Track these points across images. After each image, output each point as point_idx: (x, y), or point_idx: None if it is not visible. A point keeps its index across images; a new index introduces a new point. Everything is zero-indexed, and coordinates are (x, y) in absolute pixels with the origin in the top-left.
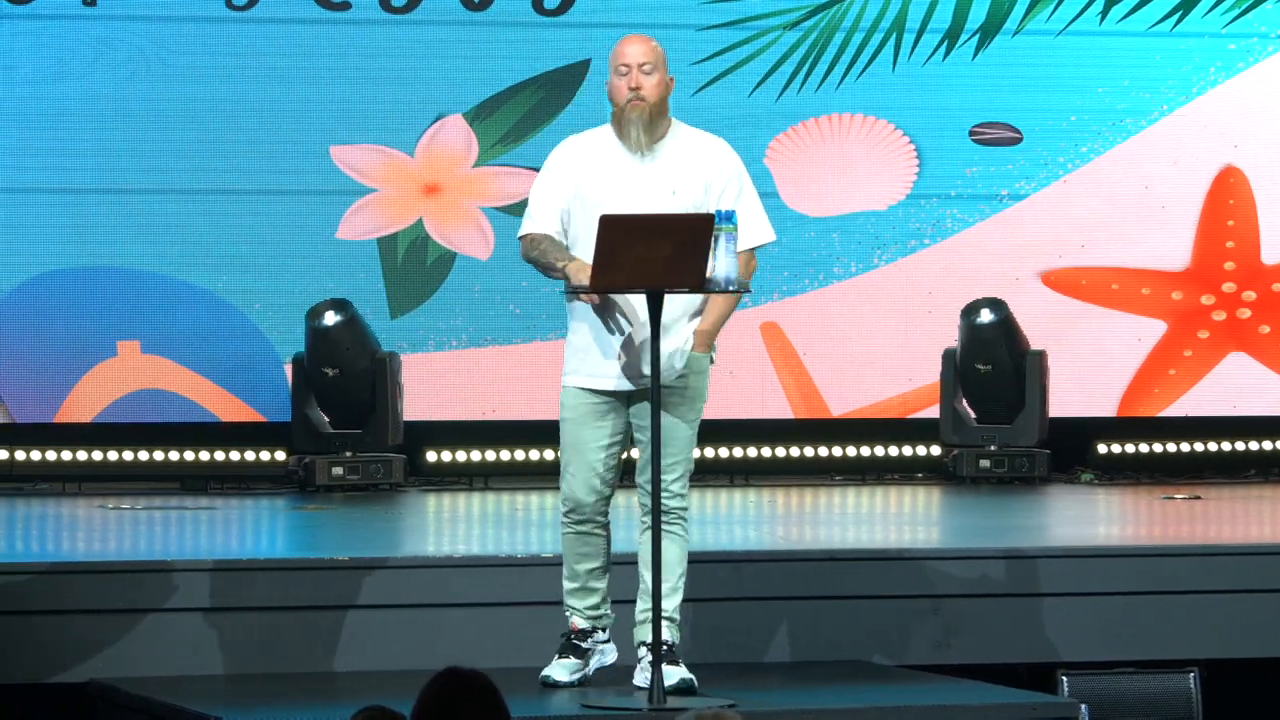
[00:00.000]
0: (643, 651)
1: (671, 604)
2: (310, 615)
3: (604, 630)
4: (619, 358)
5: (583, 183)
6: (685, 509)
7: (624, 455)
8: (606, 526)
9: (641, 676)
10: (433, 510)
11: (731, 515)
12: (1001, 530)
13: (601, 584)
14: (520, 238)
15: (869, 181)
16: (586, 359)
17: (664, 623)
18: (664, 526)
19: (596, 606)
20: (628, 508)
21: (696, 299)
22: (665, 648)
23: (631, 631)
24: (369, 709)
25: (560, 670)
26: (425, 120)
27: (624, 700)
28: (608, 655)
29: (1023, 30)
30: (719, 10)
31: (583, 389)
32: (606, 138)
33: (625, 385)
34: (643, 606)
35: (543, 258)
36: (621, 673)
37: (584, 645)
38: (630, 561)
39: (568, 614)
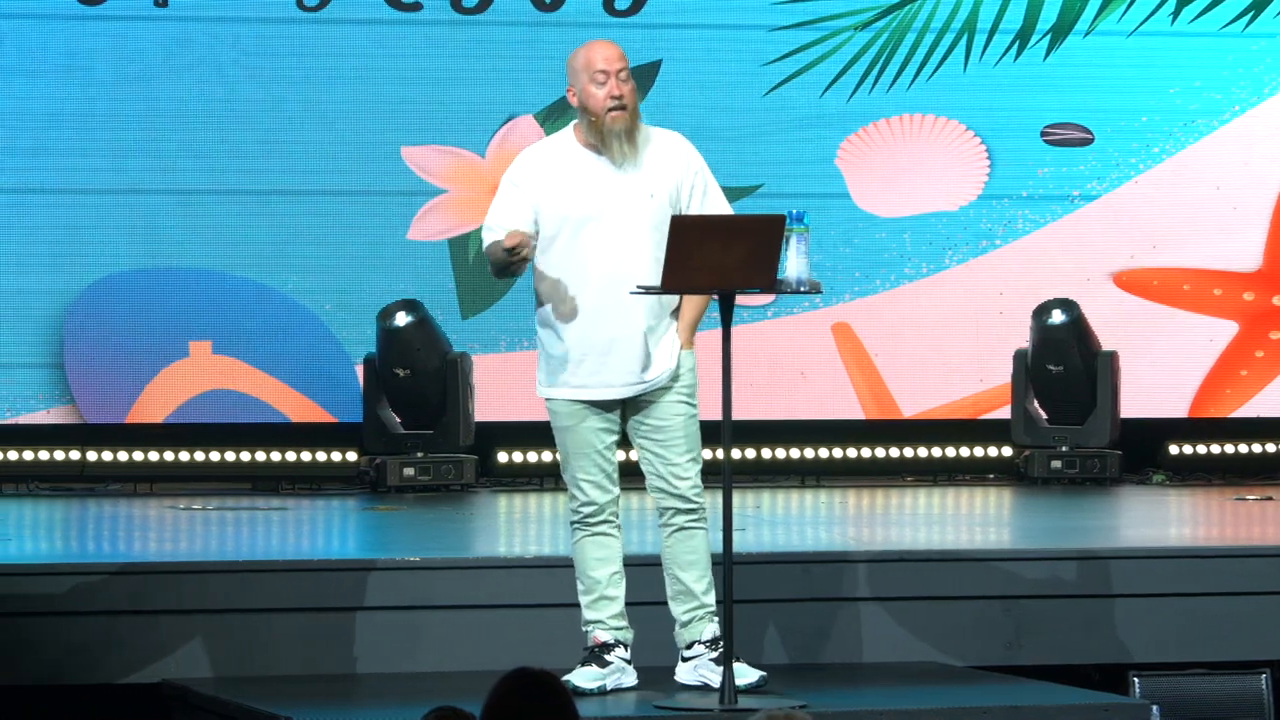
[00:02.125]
0: (698, 649)
1: (711, 598)
2: (381, 616)
3: (625, 647)
4: (606, 365)
5: (554, 193)
6: (705, 502)
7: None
8: (619, 527)
9: (690, 675)
10: (504, 511)
11: (802, 516)
12: (1073, 531)
13: (619, 591)
14: (482, 251)
15: (940, 182)
16: (574, 369)
17: (712, 619)
18: (696, 524)
19: (617, 616)
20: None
21: (671, 297)
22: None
23: (673, 635)
24: (439, 709)
25: (582, 677)
26: (496, 121)
27: (695, 700)
28: (627, 677)
29: (1094, 31)
30: (790, 11)
31: (569, 400)
32: (568, 147)
33: (622, 394)
34: (688, 607)
35: (493, 256)
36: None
37: (607, 657)
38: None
39: (588, 629)
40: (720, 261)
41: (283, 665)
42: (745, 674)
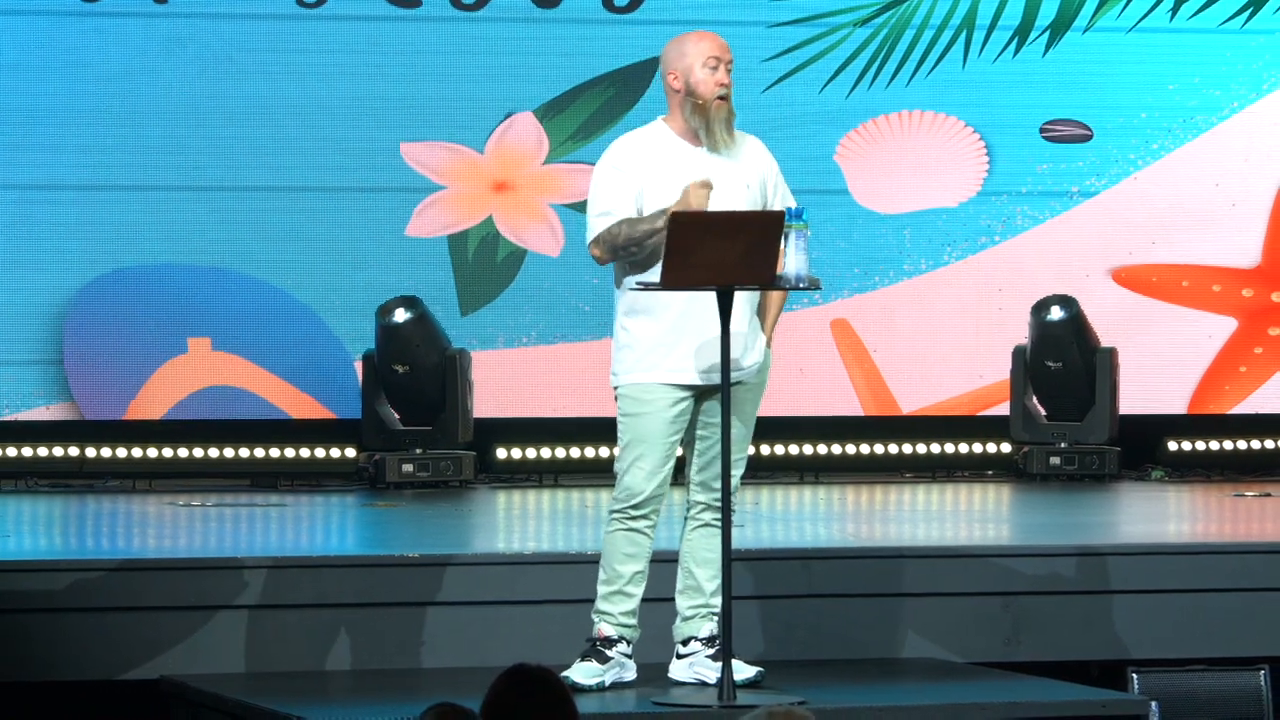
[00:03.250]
0: (694, 646)
1: (717, 601)
2: (381, 612)
3: (629, 644)
4: (702, 352)
5: (657, 178)
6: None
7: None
8: (654, 528)
9: (686, 671)
10: (503, 507)
11: (801, 512)
12: (1071, 527)
13: (638, 590)
14: (593, 242)
15: (939, 178)
16: (671, 354)
17: (712, 618)
18: (719, 523)
19: (629, 614)
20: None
21: (758, 293)
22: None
23: (671, 629)
24: (439, 706)
25: (581, 673)
26: (495, 117)
27: (694, 696)
28: (627, 671)
29: (1093, 27)
30: (789, 7)
31: (664, 384)
32: (664, 136)
33: (711, 380)
34: (694, 603)
35: (635, 230)
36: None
37: (608, 653)
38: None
39: (596, 619)
40: (720, 258)
41: (282, 662)
42: (742, 670)
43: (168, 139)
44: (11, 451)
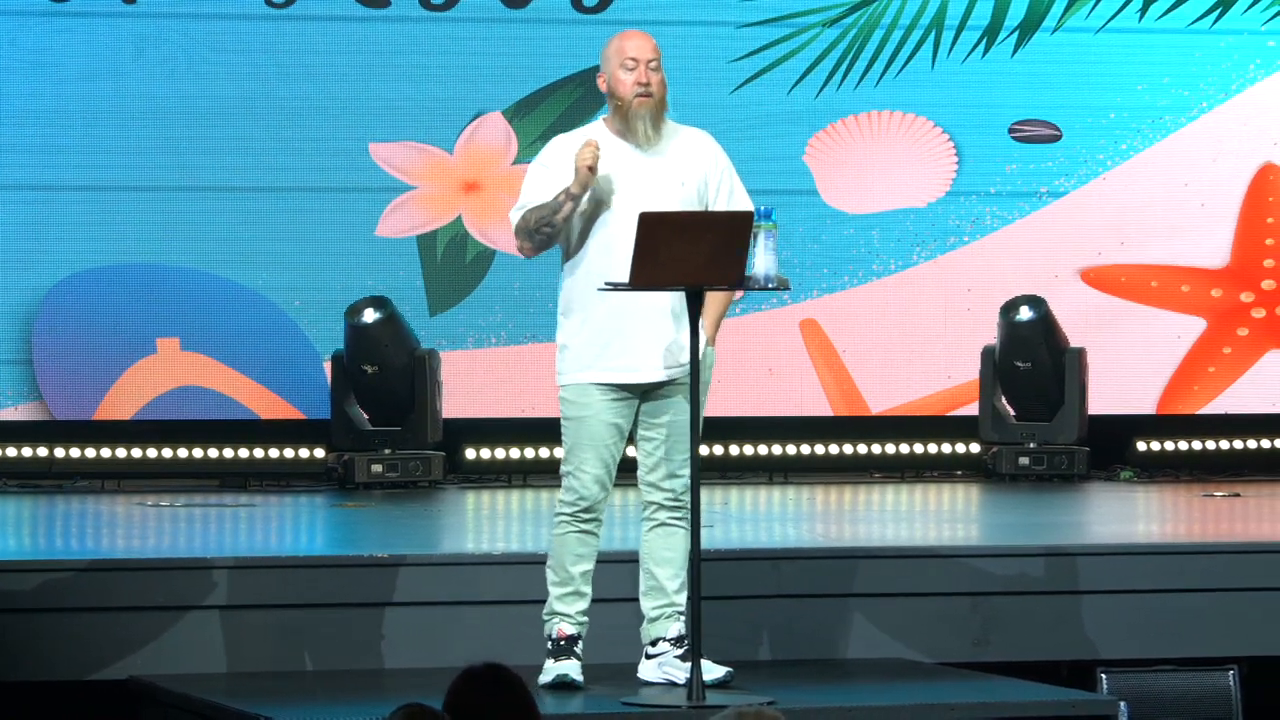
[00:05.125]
0: (663, 647)
1: (681, 599)
2: (350, 612)
3: (581, 641)
4: (640, 350)
5: None
6: (688, 502)
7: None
8: (601, 525)
9: (654, 672)
10: (472, 507)
11: (770, 512)
12: (1040, 528)
13: (589, 588)
14: (515, 234)
15: (908, 179)
16: (603, 354)
17: (679, 618)
18: (677, 523)
19: (584, 612)
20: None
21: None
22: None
23: (638, 631)
24: (408, 706)
25: (574, 670)
26: (464, 118)
27: (663, 697)
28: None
29: (1062, 27)
30: (758, 7)
31: (599, 384)
32: (600, 134)
33: (650, 378)
34: (658, 603)
35: (541, 210)
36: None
37: (576, 649)
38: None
39: (553, 621)
40: (688, 257)
41: (250, 662)
42: (711, 670)
43: (137, 139)
44: None
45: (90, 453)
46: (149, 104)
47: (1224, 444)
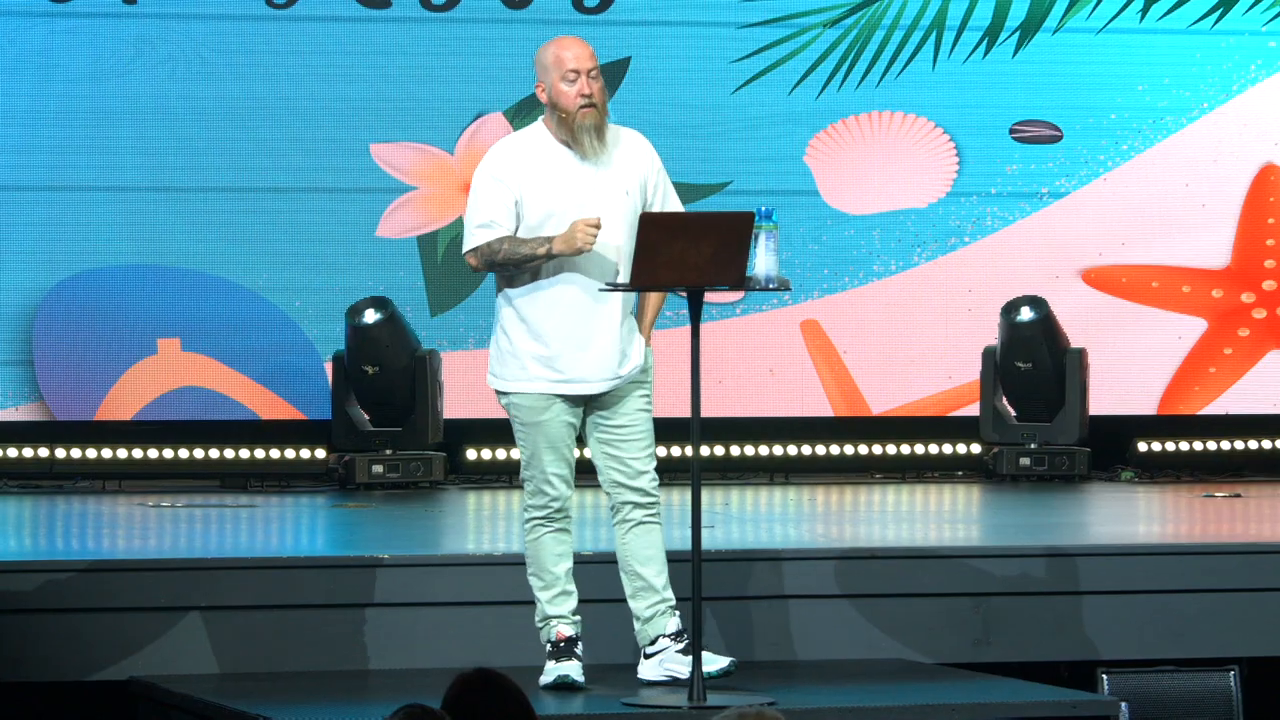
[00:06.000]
0: (663, 643)
1: (670, 592)
2: (351, 613)
3: (580, 641)
4: (589, 362)
5: (535, 186)
6: (660, 497)
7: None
8: (572, 521)
9: (656, 670)
10: (472, 508)
11: (771, 513)
12: (1041, 528)
13: (574, 586)
14: (470, 251)
15: (909, 179)
16: (555, 364)
17: (673, 612)
18: (652, 519)
19: (576, 610)
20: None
21: (633, 294)
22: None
23: (634, 633)
24: (409, 707)
25: (576, 671)
26: (465, 118)
27: (663, 697)
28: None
29: (1063, 28)
30: (759, 8)
31: (551, 395)
32: (544, 141)
33: (599, 388)
34: (650, 602)
35: (516, 251)
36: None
37: (576, 650)
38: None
39: (549, 625)
40: (688, 258)
41: (251, 663)
42: (714, 660)
43: (137, 140)
44: None
45: (91, 453)
46: (149, 104)
47: (1225, 445)
